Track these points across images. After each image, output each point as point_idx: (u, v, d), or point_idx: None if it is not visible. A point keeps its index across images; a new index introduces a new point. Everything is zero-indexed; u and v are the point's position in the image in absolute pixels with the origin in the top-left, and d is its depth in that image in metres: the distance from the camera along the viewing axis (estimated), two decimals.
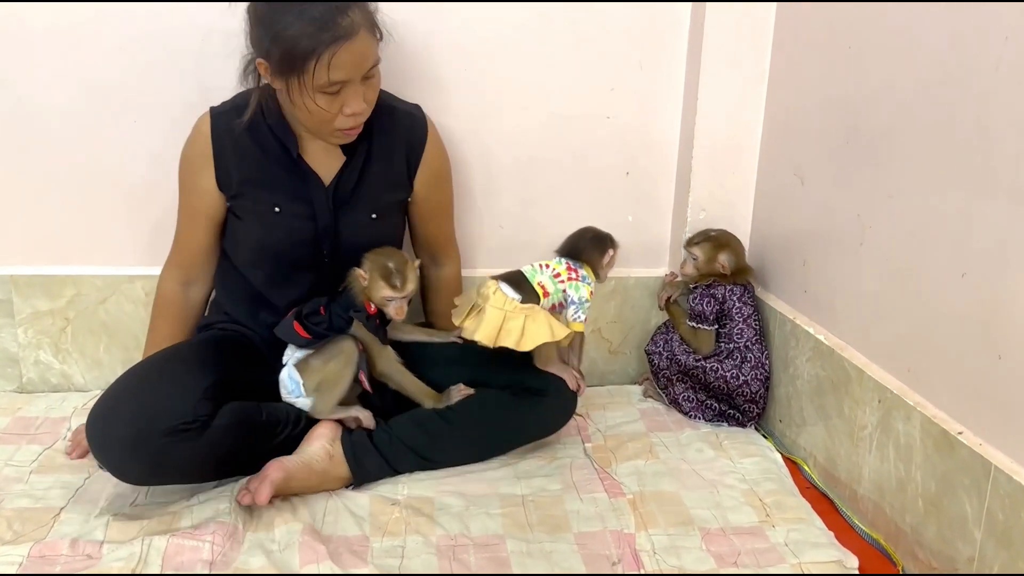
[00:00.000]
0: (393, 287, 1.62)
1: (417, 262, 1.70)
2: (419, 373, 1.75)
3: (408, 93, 1.84)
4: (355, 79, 1.54)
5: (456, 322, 1.69)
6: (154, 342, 1.76)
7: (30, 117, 1.89)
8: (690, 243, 1.99)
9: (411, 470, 1.71)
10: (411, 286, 1.65)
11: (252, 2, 1.57)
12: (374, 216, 1.74)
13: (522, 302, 1.66)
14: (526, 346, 1.64)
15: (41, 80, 1.87)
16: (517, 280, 1.70)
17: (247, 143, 1.68)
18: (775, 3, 1.93)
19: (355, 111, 1.57)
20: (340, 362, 1.65)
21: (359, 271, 1.65)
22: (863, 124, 1.63)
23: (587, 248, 1.77)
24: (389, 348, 1.72)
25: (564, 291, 1.71)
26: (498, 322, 1.63)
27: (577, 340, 1.79)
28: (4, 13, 1.83)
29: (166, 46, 1.87)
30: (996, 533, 1.28)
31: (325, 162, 1.71)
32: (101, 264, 2.00)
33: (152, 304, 1.81)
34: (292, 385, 1.66)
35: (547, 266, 1.73)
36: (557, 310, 1.72)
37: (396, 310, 1.65)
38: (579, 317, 1.72)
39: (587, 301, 1.72)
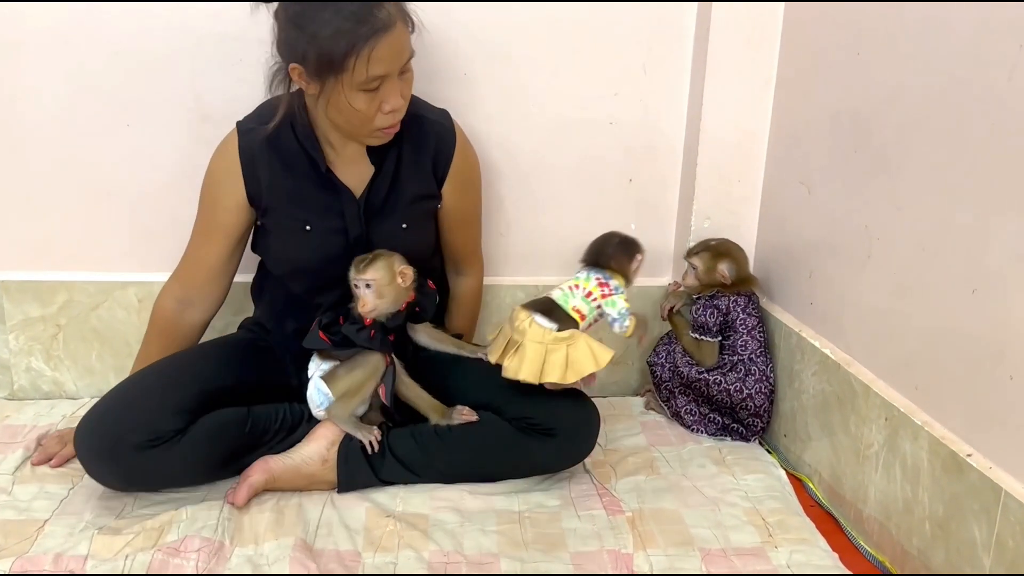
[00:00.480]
0: (356, 268, 1.59)
1: (406, 268, 1.63)
2: (436, 382, 1.71)
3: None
4: (393, 73, 1.52)
5: (493, 359, 1.63)
6: (143, 359, 1.75)
7: (21, 121, 1.86)
8: (690, 253, 1.95)
9: (399, 482, 1.68)
10: (372, 273, 1.58)
11: (281, 2, 1.53)
12: (405, 226, 1.71)
13: (558, 330, 1.61)
14: (571, 378, 1.59)
15: (32, 83, 1.84)
16: (549, 308, 1.64)
17: (274, 159, 1.64)
18: (782, 5, 1.89)
19: (394, 107, 1.55)
20: (365, 372, 1.62)
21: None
22: (872, 132, 1.59)
23: (616, 255, 1.71)
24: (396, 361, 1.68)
25: (599, 308, 1.66)
26: (540, 357, 1.58)
27: (637, 333, 1.71)
28: None
29: (160, 49, 1.84)
30: (1006, 561, 1.23)
31: (355, 174, 1.68)
32: (93, 270, 1.97)
33: (148, 316, 1.78)
34: (320, 398, 1.64)
35: (577, 287, 1.66)
36: (593, 326, 1.68)
37: (361, 301, 1.59)
38: (624, 327, 1.67)
39: (627, 310, 1.67)
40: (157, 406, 1.54)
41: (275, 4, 1.54)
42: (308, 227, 1.66)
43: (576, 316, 1.64)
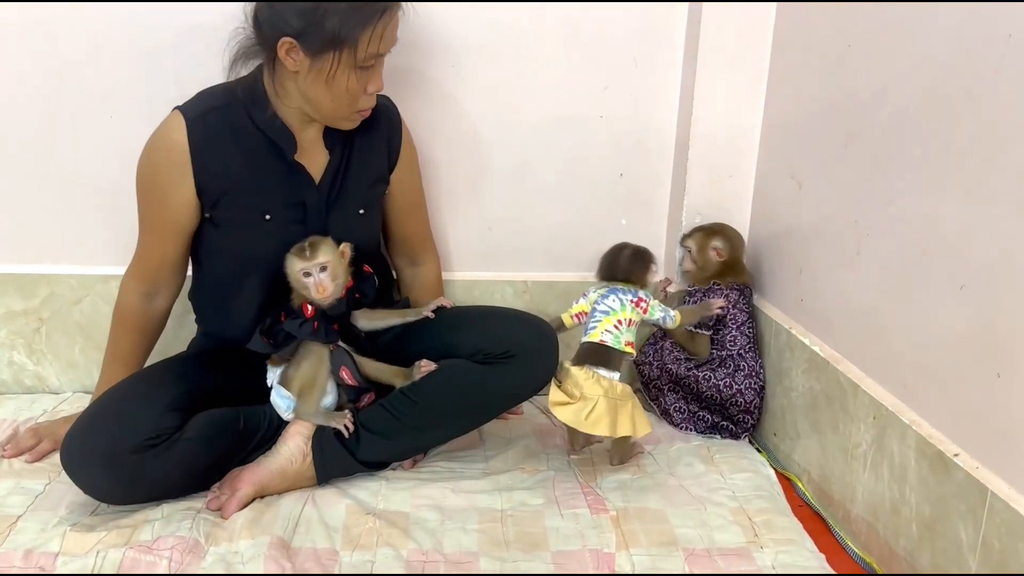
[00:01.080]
0: (303, 257, 1.55)
1: (345, 245, 1.61)
2: (397, 360, 1.69)
3: (394, 93, 1.77)
4: (385, 54, 1.55)
5: (561, 418, 1.66)
6: (113, 355, 1.72)
7: (2, 114, 1.85)
8: (683, 239, 1.95)
9: (380, 459, 1.66)
10: (323, 256, 1.56)
11: None
12: (361, 212, 1.70)
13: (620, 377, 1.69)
14: (640, 432, 1.68)
15: (12, 75, 1.83)
16: (606, 358, 1.68)
17: (229, 147, 1.59)
18: (775, 1, 1.86)
19: (377, 88, 1.57)
20: (311, 362, 1.61)
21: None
22: (863, 127, 1.56)
23: (633, 269, 1.77)
24: (340, 346, 1.65)
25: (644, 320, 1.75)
26: (615, 411, 1.64)
27: (686, 322, 1.82)
28: None
29: (142, 41, 1.82)
30: (992, 563, 1.20)
31: (312, 161, 1.65)
32: (76, 263, 1.96)
33: (112, 313, 1.74)
34: (284, 403, 1.62)
35: (620, 324, 1.70)
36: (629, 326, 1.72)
37: (316, 286, 1.56)
38: (672, 318, 1.76)
39: (663, 304, 1.78)
40: (152, 405, 1.50)
41: None
42: (268, 216, 1.62)
43: (629, 349, 1.71)
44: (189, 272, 1.75)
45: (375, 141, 1.71)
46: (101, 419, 1.49)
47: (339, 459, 1.62)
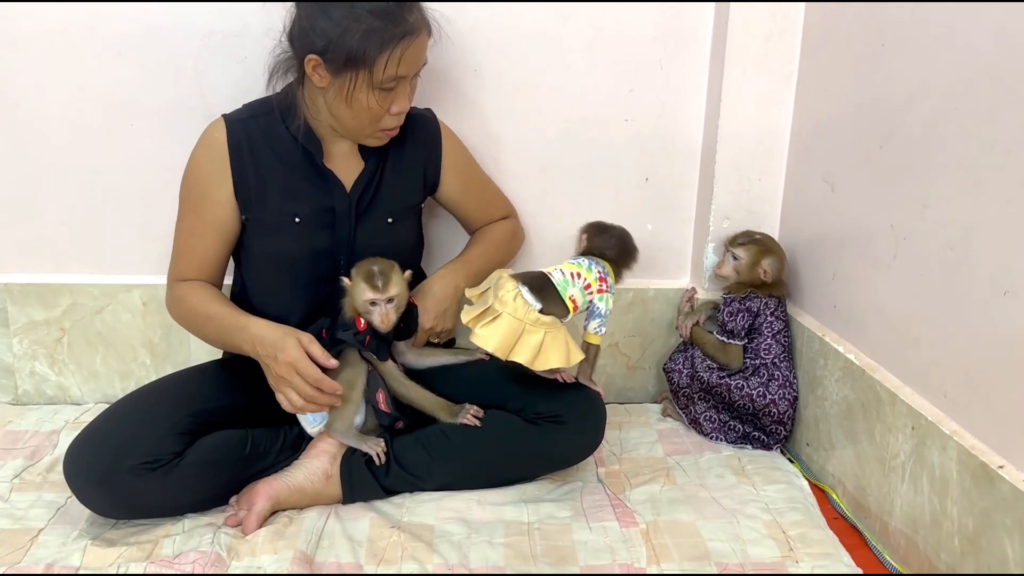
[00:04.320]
0: (374, 288, 1.53)
1: (408, 273, 1.60)
2: (436, 389, 1.67)
3: (419, 97, 1.74)
4: (409, 76, 1.56)
5: (464, 319, 1.57)
6: (207, 302, 1.63)
7: (24, 122, 1.84)
8: (733, 242, 1.88)
9: (406, 490, 1.63)
10: (395, 288, 1.54)
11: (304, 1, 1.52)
12: (390, 220, 1.70)
13: (541, 311, 1.54)
14: (538, 367, 1.52)
15: (35, 84, 1.82)
16: (540, 285, 1.56)
17: (265, 151, 1.62)
18: (804, 1, 1.82)
19: (401, 109, 1.58)
20: (348, 378, 1.57)
21: (345, 278, 1.57)
22: (898, 128, 1.51)
23: (629, 255, 1.69)
24: (390, 362, 1.63)
25: (591, 302, 1.61)
26: (516, 334, 1.51)
27: (592, 353, 1.65)
28: None
29: (164, 48, 1.81)
30: None
31: (345, 168, 1.66)
32: (98, 272, 1.94)
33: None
34: (313, 417, 1.59)
35: (578, 276, 1.59)
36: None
37: (381, 317, 1.54)
38: (600, 331, 1.62)
39: (609, 313, 1.62)
40: (154, 427, 1.48)
41: None
42: (297, 219, 1.63)
43: (570, 305, 1.57)
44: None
45: (411, 156, 1.72)
46: (103, 435, 1.47)
47: (367, 485, 1.60)
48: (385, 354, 1.61)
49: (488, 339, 1.51)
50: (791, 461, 1.82)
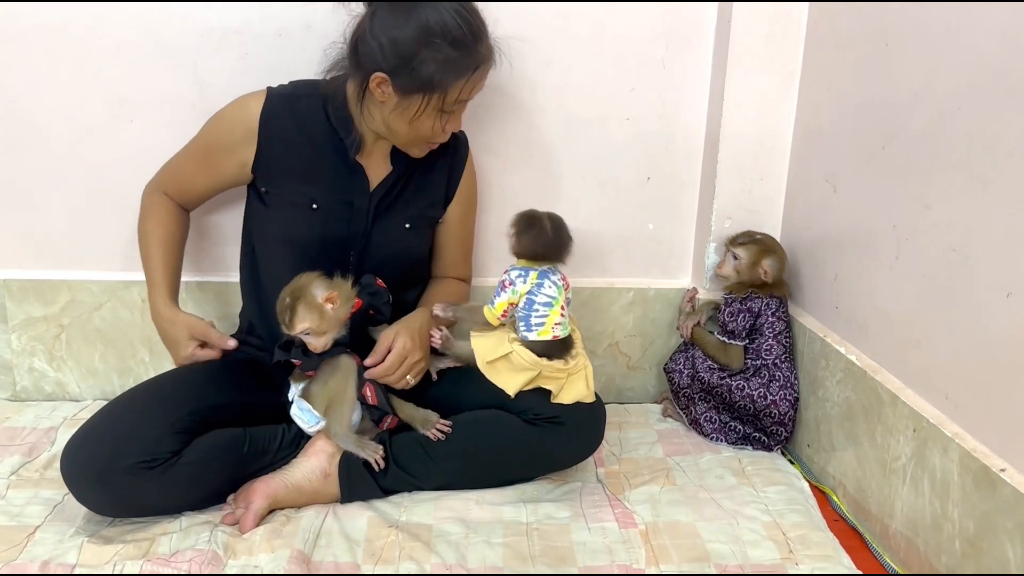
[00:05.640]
0: (283, 323, 1.51)
1: (327, 295, 1.52)
2: (437, 390, 1.66)
3: None
4: (469, 100, 1.60)
5: (481, 366, 1.58)
6: (149, 239, 1.69)
7: (23, 118, 1.83)
8: (734, 242, 1.88)
9: (404, 490, 1.63)
10: (301, 324, 1.49)
11: (380, 3, 1.53)
12: (407, 226, 1.70)
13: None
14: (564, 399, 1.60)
15: (34, 80, 1.81)
16: (559, 345, 1.59)
17: (296, 133, 1.63)
18: (807, 0, 1.81)
19: (455, 129, 1.65)
20: (339, 379, 1.56)
21: None
22: (900, 128, 1.51)
23: (565, 246, 1.61)
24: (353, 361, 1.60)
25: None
26: (530, 379, 1.58)
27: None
28: None
29: (162, 44, 1.80)
30: None
31: (373, 167, 1.67)
32: (96, 269, 1.93)
33: (139, 220, 1.72)
34: (307, 416, 1.58)
35: (565, 308, 1.59)
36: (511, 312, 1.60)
37: (311, 345, 1.52)
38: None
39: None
40: (152, 425, 1.46)
41: (370, 5, 1.54)
42: (315, 206, 1.63)
43: (575, 327, 1.66)
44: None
45: (438, 167, 1.74)
46: (100, 432, 1.46)
47: (365, 485, 1.59)
48: (337, 353, 1.57)
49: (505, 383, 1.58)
50: (791, 462, 1.81)
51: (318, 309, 1.50)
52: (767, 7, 1.82)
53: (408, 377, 1.58)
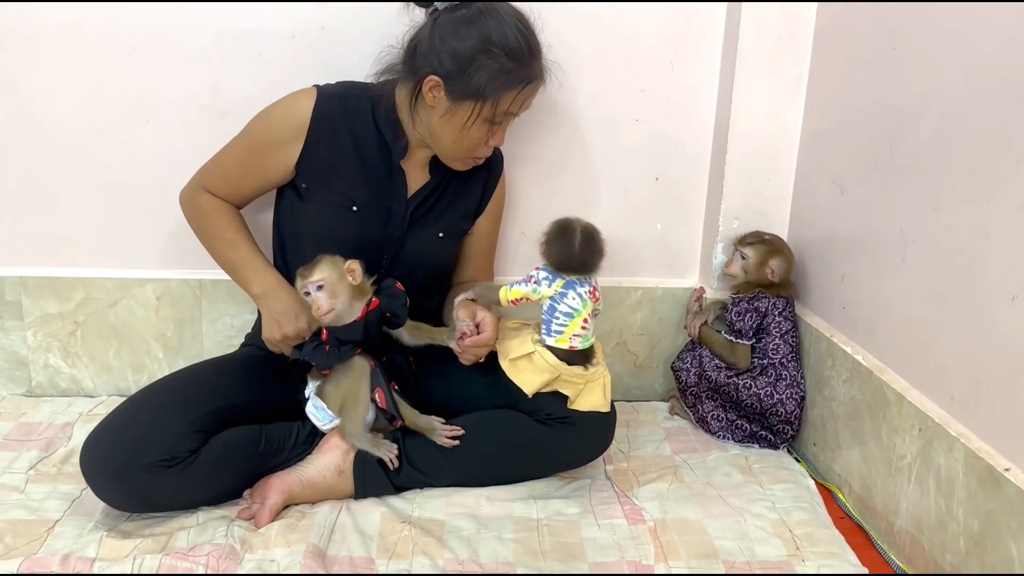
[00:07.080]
0: (301, 275, 1.54)
1: (350, 264, 1.57)
2: (448, 391, 1.69)
3: None
4: (517, 114, 1.63)
5: (503, 363, 1.61)
6: (236, 229, 1.71)
7: (39, 117, 1.85)
8: (742, 242, 1.90)
9: (417, 487, 1.65)
10: (319, 274, 1.53)
11: (446, 13, 1.55)
12: (441, 235, 1.73)
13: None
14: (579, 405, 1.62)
15: (50, 80, 1.83)
16: (578, 355, 1.62)
17: (346, 132, 1.65)
18: (816, 1, 1.83)
19: (498, 143, 1.67)
20: (352, 379, 1.59)
21: None
22: (908, 131, 1.53)
23: (592, 260, 1.62)
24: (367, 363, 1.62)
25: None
26: (548, 381, 1.60)
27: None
28: (12, 13, 1.78)
29: (178, 45, 1.82)
30: None
31: (413, 176, 1.70)
32: (111, 267, 1.95)
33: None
34: (320, 413, 1.60)
35: (588, 320, 1.60)
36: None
37: (315, 305, 1.54)
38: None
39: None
40: (172, 424, 1.47)
41: (436, 11, 1.56)
42: (355, 208, 1.66)
43: (595, 341, 1.68)
44: None
45: (475, 179, 1.77)
46: (120, 430, 1.47)
47: (378, 483, 1.61)
48: (336, 360, 1.59)
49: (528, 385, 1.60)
50: (798, 461, 1.83)
51: (339, 270, 1.55)
52: (776, 9, 1.84)
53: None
